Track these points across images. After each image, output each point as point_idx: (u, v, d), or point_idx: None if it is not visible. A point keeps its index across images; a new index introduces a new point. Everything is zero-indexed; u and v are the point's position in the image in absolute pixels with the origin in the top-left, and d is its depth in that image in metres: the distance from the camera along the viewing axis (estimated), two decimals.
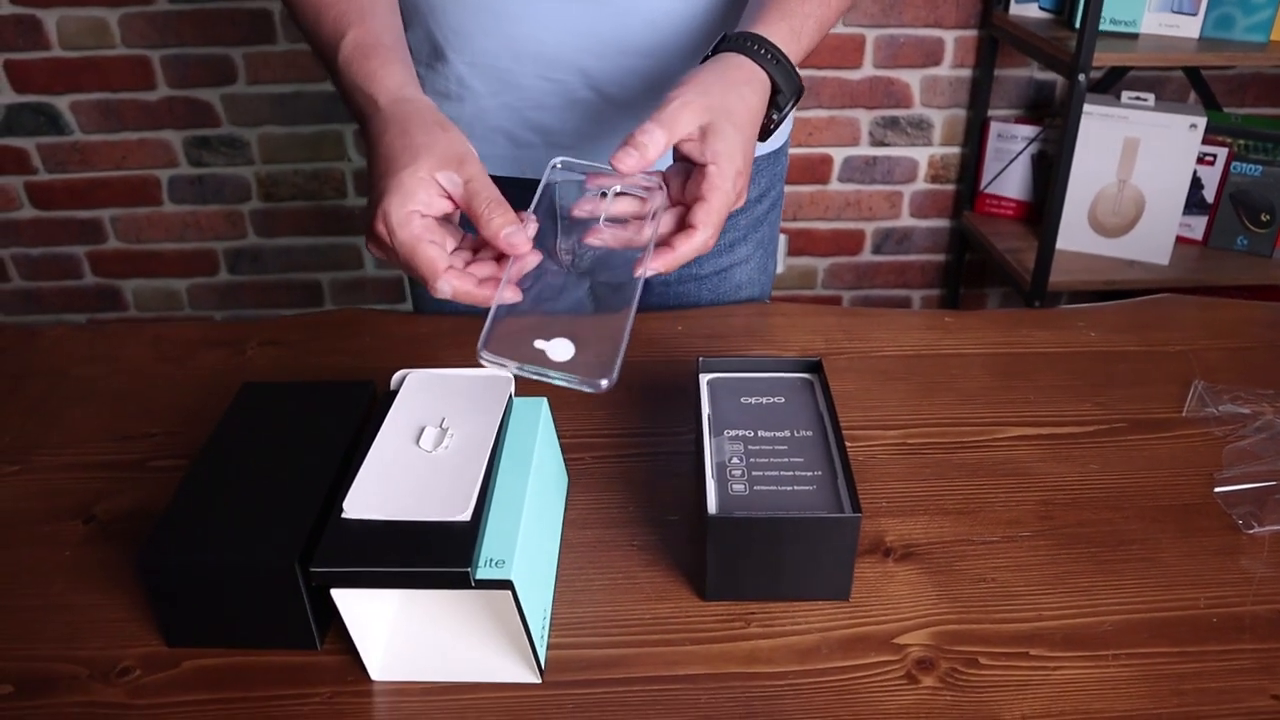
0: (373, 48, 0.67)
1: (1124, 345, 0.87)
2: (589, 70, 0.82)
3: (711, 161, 0.63)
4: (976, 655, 0.57)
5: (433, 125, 0.62)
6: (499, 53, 0.82)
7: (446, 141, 0.61)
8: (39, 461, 0.74)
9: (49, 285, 2.07)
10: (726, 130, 0.63)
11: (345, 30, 0.68)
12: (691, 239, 0.62)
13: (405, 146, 0.60)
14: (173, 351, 0.88)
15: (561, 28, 0.80)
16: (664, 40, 0.81)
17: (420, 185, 0.59)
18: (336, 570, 0.51)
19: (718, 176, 0.63)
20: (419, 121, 0.62)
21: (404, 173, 0.59)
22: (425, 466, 0.56)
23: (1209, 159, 1.80)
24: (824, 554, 0.58)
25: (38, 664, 0.57)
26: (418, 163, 0.59)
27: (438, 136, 0.61)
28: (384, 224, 0.59)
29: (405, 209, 0.59)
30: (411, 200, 0.59)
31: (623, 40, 0.81)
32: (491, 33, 0.81)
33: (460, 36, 0.82)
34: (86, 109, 1.87)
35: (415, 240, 0.58)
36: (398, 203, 0.59)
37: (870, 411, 0.78)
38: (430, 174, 0.59)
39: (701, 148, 0.63)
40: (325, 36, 0.70)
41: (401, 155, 0.60)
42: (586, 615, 0.60)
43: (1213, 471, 0.72)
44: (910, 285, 2.14)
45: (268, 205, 2.00)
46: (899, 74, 1.91)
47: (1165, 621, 0.59)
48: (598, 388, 0.54)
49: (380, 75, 0.66)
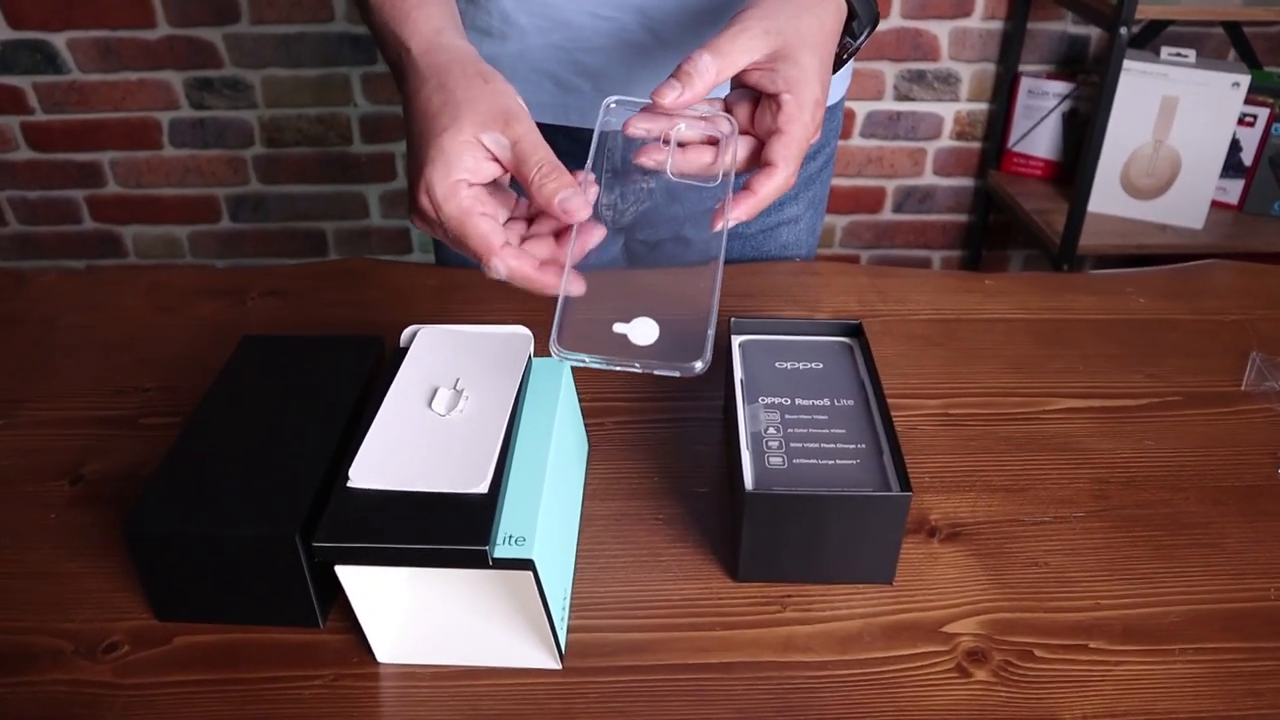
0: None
1: (1174, 313, 0.82)
2: (645, 8, 0.76)
3: (786, 90, 0.56)
4: (1031, 647, 0.53)
5: (474, 77, 0.55)
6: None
7: (490, 96, 0.54)
8: (24, 416, 0.70)
9: (46, 230, 2.02)
10: (801, 55, 0.57)
11: None
12: (772, 178, 0.55)
13: (445, 104, 0.54)
14: (169, 300, 0.83)
15: None
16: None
17: (465, 149, 0.53)
18: (341, 545, 0.47)
19: (794, 106, 0.56)
20: (459, 73, 0.56)
21: (445, 135, 0.53)
22: (438, 432, 0.52)
23: (1249, 120, 1.73)
24: (868, 534, 0.54)
25: (18, 637, 0.53)
26: (460, 123, 0.53)
27: (480, 91, 0.54)
28: (428, 197, 0.53)
29: (451, 179, 0.52)
30: (456, 168, 0.52)
31: None
32: None
33: None
34: (84, 47, 1.81)
35: (464, 214, 0.52)
36: (441, 172, 0.52)
37: (909, 379, 0.73)
38: (474, 135, 0.53)
39: (773, 76, 0.56)
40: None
41: (441, 115, 0.54)
42: (609, 595, 0.56)
43: (1276, 450, 0.67)
44: (931, 246, 2.08)
45: (271, 151, 1.93)
46: (927, 25, 1.83)
47: (1235, 614, 0.55)
48: (692, 371, 0.48)
49: (415, 17, 0.59)
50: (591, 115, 0.81)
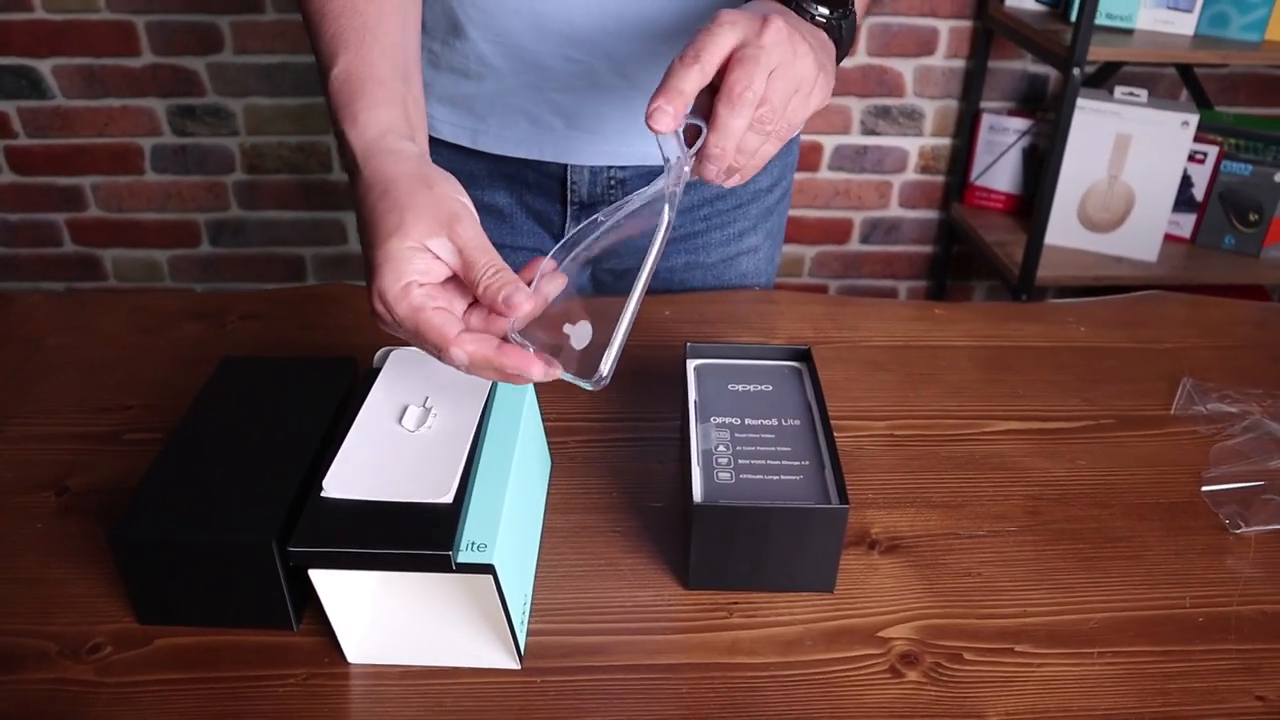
0: (362, 83, 0.61)
1: (1114, 341, 0.87)
2: (614, 53, 0.80)
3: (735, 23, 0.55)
4: (961, 650, 0.57)
5: (417, 184, 0.56)
6: (523, 31, 0.79)
7: (434, 202, 0.54)
8: (11, 432, 0.73)
9: (27, 252, 2.04)
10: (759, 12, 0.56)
11: (338, 54, 0.62)
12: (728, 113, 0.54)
13: (390, 210, 0.54)
14: (151, 322, 0.86)
15: (589, 8, 0.77)
16: (692, 24, 0.79)
17: (413, 255, 0.53)
18: (315, 550, 0.50)
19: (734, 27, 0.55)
20: (403, 180, 0.56)
21: (391, 242, 0.53)
22: (407, 447, 0.55)
23: (1199, 157, 1.80)
24: (810, 545, 0.58)
25: (6, 639, 0.56)
26: (405, 229, 0.53)
27: (424, 197, 0.55)
28: (381, 302, 0.54)
29: (400, 283, 0.53)
30: (406, 272, 0.53)
31: (650, 23, 0.79)
32: (517, 10, 0.78)
33: (484, 13, 0.79)
34: (69, 73, 1.84)
35: (416, 311, 0.53)
36: (391, 278, 0.53)
37: (858, 402, 0.78)
38: (420, 242, 0.53)
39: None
40: (320, 54, 0.63)
41: (386, 221, 0.54)
42: (567, 601, 0.59)
43: (1200, 470, 0.71)
44: (897, 276, 2.14)
45: (252, 177, 1.97)
46: (892, 63, 1.89)
47: (1151, 620, 0.59)
48: (588, 387, 0.52)
49: (362, 120, 0.59)
50: (562, 150, 0.86)
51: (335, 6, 0.63)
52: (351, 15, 0.62)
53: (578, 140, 0.85)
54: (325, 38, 0.63)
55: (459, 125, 0.87)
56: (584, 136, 0.85)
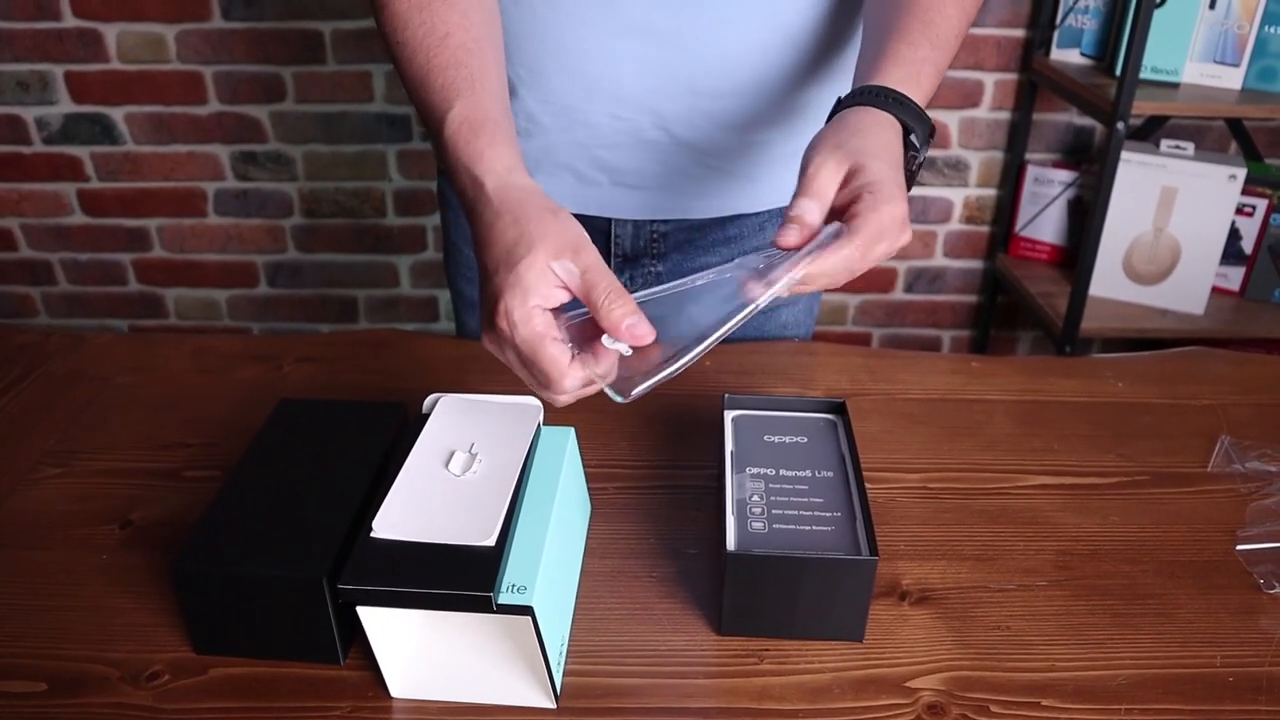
0: (481, 124, 0.65)
1: (1151, 397, 0.87)
2: (660, 110, 0.83)
3: (864, 190, 0.60)
4: (988, 703, 0.57)
5: (545, 213, 0.60)
6: (571, 90, 0.83)
7: (559, 229, 0.58)
8: (80, 466, 0.76)
9: (94, 290, 2.12)
10: (870, 163, 0.61)
11: (453, 101, 0.66)
12: (838, 250, 0.59)
13: (519, 236, 0.58)
14: (212, 364, 0.90)
15: (635, 68, 0.80)
16: (737, 84, 0.82)
17: (540, 278, 0.57)
18: (363, 588, 0.53)
19: (870, 199, 0.59)
20: (531, 209, 0.60)
21: (521, 265, 0.57)
22: (453, 490, 0.58)
23: (1248, 210, 1.79)
24: (839, 595, 0.59)
25: (70, 664, 0.59)
26: (534, 253, 0.57)
27: (550, 224, 0.59)
28: (506, 320, 0.57)
29: (527, 305, 0.56)
30: (532, 295, 0.56)
31: (695, 82, 0.82)
32: (566, 70, 0.81)
33: (533, 74, 0.83)
34: (140, 121, 1.93)
35: (539, 339, 0.56)
36: (519, 299, 0.56)
37: (892, 454, 0.79)
38: (547, 264, 0.57)
39: (852, 189, 0.61)
40: (433, 104, 0.68)
41: (517, 246, 0.58)
42: (603, 643, 0.61)
43: (1235, 529, 0.72)
44: (941, 325, 2.14)
45: (309, 221, 2.03)
46: (937, 114, 1.91)
47: (1180, 679, 0.59)
48: (615, 399, 0.56)
49: (488, 156, 0.63)
50: (607, 204, 0.89)
51: (442, 61, 0.68)
52: (460, 69, 0.67)
53: (622, 195, 0.88)
54: (436, 86, 0.67)
55: None
56: (628, 192, 0.88)
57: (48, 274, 2.10)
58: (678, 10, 0.78)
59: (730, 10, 0.78)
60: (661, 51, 0.79)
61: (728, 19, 0.79)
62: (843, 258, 0.59)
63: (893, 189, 0.60)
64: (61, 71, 1.88)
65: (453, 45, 0.68)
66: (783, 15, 0.80)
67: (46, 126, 1.93)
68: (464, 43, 0.68)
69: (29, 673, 0.59)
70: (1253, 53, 1.63)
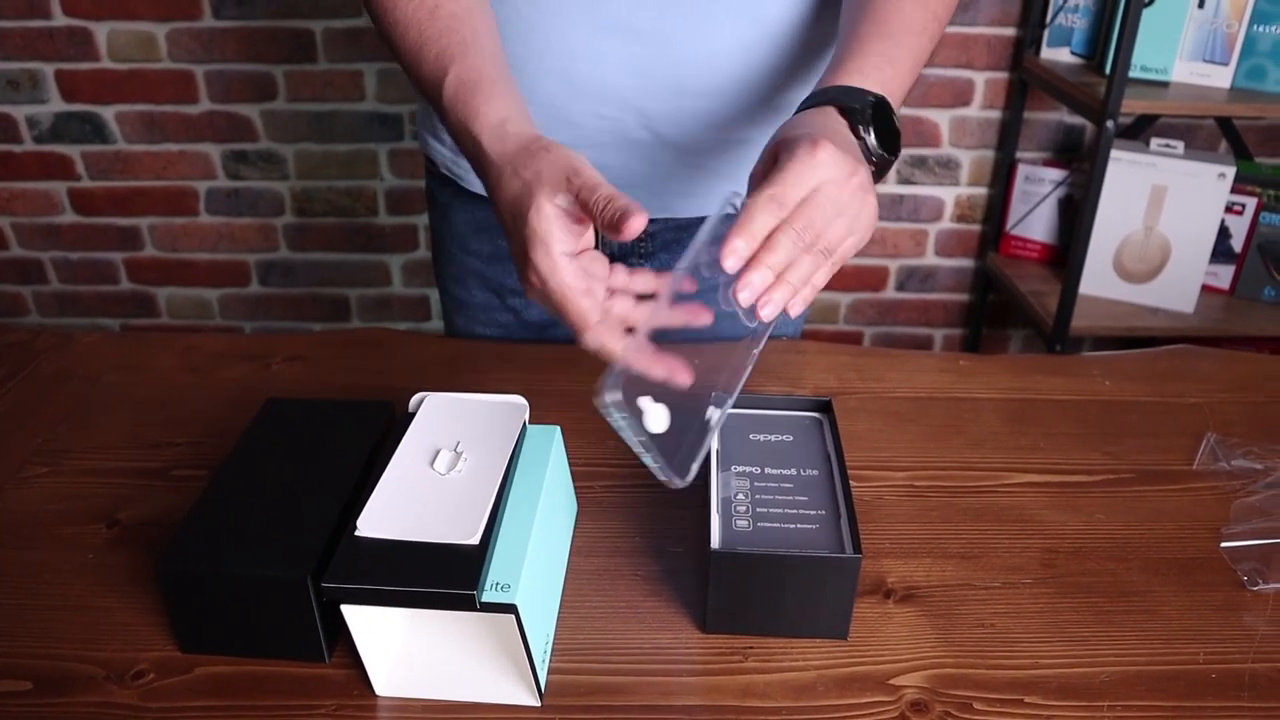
0: (476, 84, 0.66)
1: (1138, 395, 0.88)
2: (645, 110, 0.83)
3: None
4: (971, 700, 0.58)
5: (537, 153, 0.60)
6: (556, 89, 0.83)
7: (551, 163, 0.59)
8: (68, 465, 0.76)
9: (86, 289, 2.12)
10: (794, 131, 0.62)
11: (448, 67, 0.67)
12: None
13: (522, 187, 0.59)
14: (201, 362, 0.90)
15: (621, 67, 0.81)
16: (722, 83, 0.83)
17: (551, 224, 0.58)
18: (348, 587, 0.53)
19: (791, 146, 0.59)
20: (523, 156, 0.61)
21: (530, 216, 0.58)
22: (438, 489, 0.58)
23: (1237, 208, 1.80)
24: (823, 593, 0.59)
25: (56, 663, 0.59)
26: (537, 200, 0.58)
27: (543, 162, 0.59)
28: (536, 275, 0.58)
29: (549, 257, 0.58)
30: (551, 244, 0.58)
31: (681, 81, 0.82)
32: (550, 70, 0.82)
33: (518, 73, 0.82)
34: (131, 120, 1.92)
35: (566, 290, 0.58)
36: (541, 251, 0.58)
37: (879, 452, 0.79)
38: (552, 206, 0.58)
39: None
40: (429, 74, 0.69)
41: (522, 198, 0.59)
42: (588, 641, 0.61)
43: (1220, 526, 0.72)
44: (932, 324, 2.15)
45: (300, 220, 2.03)
46: (928, 113, 1.92)
47: (1163, 675, 0.60)
48: (672, 483, 0.54)
49: (483, 113, 0.65)
50: None
51: (434, 32, 0.69)
52: (451, 35, 0.69)
53: None
54: (430, 57, 0.69)
55: None
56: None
57: (39, 273, 2.10)
58: (662, 10, 0.78)
59: (714, 10, 0.78)
60: (646, 51, 0.80)
61: (712, 19, 0.79)
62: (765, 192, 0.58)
63: (800, 131, 0.60)
64: (52, 70, 1.87)
65: (444, 15, 0.69)
66: (766, 15, 0.80)
67: (37, 125, 1.93)
68: (454, 11, 0.69)
69: (15, 672, 0.59)
70: (1242, 51, 1.64)
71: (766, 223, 0.57)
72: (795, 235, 0.57)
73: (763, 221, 0.57)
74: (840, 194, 0.59)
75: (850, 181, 0.59)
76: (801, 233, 0.57)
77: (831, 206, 0.58)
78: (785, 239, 0.57)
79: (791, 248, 0.58)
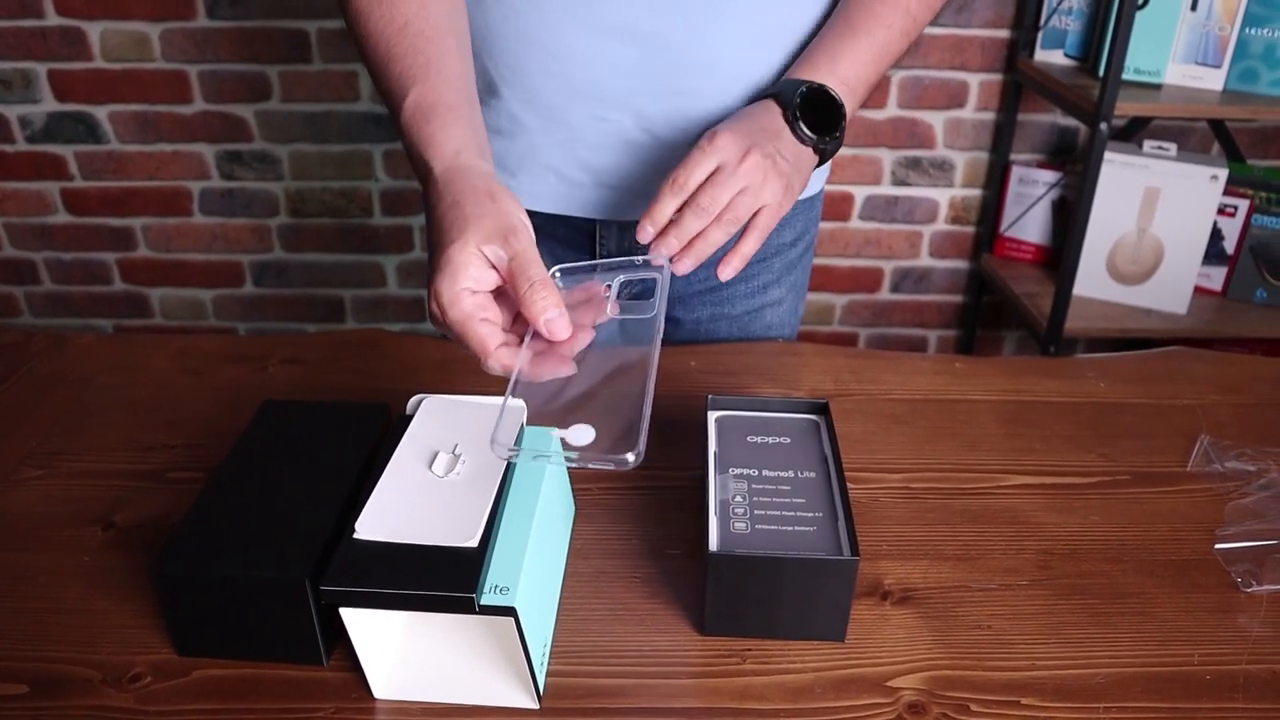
0: (433, 108, 0.67)
1: (1132, 397, 0.88)
2: (643, 111, 0.83)
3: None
4: (968, 702, 0.58)
5: (484, 196, 0.61)
6: (554, 91, 0.83)
7: (496, 213, 0.60)
8: (63, 467, 0.76)
9: (79, 290, 2.11)
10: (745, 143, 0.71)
11: (409, 88, 0.68)
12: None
13: (456, 219, 0.60)
14: (196, 364, 0.90)
15: (618, 69, 0.81)
16: (719, 84, 0.83)
17: (469, 260, 0.59)
18: (346, 589, 0.53)
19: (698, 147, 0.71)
20: (470, 192, 0.62)
21: (452, 248, 0.59)
22: (436, 492, 0.58)
23: (1230, 210, 1.80)
24: (821, 595, 0.59)
25: (52, 665, 0.59)
26: (465, 236, 0.59)
27: (487, 208, 0.61)
28: (436, 303, 0.59)
29: (455, 287, 0.58)
30: (460, 277, 0.58)
31: (678, 83, 0.82)
32: (548, 71, 0.82)
33: (516, 74, 0.83)
34: (124, 120, 1.92)
35: (466, 319, 0.58)
36: (448, 281, 0.59)
37: (875, 454, 0.79)
38: (477, 248, 0.59)
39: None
40: (391, 91, 0.70)
41: (451, 229, 0.60)
42: (586, 644, 0.61)
43: (1214, 528, 0.72)
44: (927, 325, 2.15)
45: (295, 221, 2.03)
46: (923, 115, 1.92)
47: (1158, 677, 0.60)
48: (625, 464, 0.54)
49: (438, 140, 0.66)
50: (590, 205, 0.89)
51: (400, 50, 0.70)
52: (416, 55, 0.70)
53: (605, 196, 0.88)
54: (394, 74, 0.70)
55: None
56: (611, 192, 0.88)
57: (31, 273, 2.09)
58: (660, 12, 0.78)
59: (711, 11, 0.79)
60: (644, 52, 0.80)
61: (709, 20, 0.79)
62: (668, 180, 0.70)
63: (718, 125, 0.73)
64: (45, 70, 1.86)
65: (411, 34, 0.70)
66: (763, 16, 0.81)
67: (30, 125, 1.92)
68: (422, 30, 0.70)
69: (11, 675, 0.58)
70: (1234, 54, 1.64)
71: (670, 204, 0.70)
72: (699, 210, 0.70)
73: (666, 204, 0.70)
74: (738, 170, 0.70)
75: (747, 160, 0.71)
76: (706, 208, 0.70)
77: (731, 183, 0.70)
78: (690, 216, 0.70)
79: (696, 222, 0.70)
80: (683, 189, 0.70)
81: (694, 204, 0.69)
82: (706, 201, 0.69)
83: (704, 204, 0.69)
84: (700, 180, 0.70)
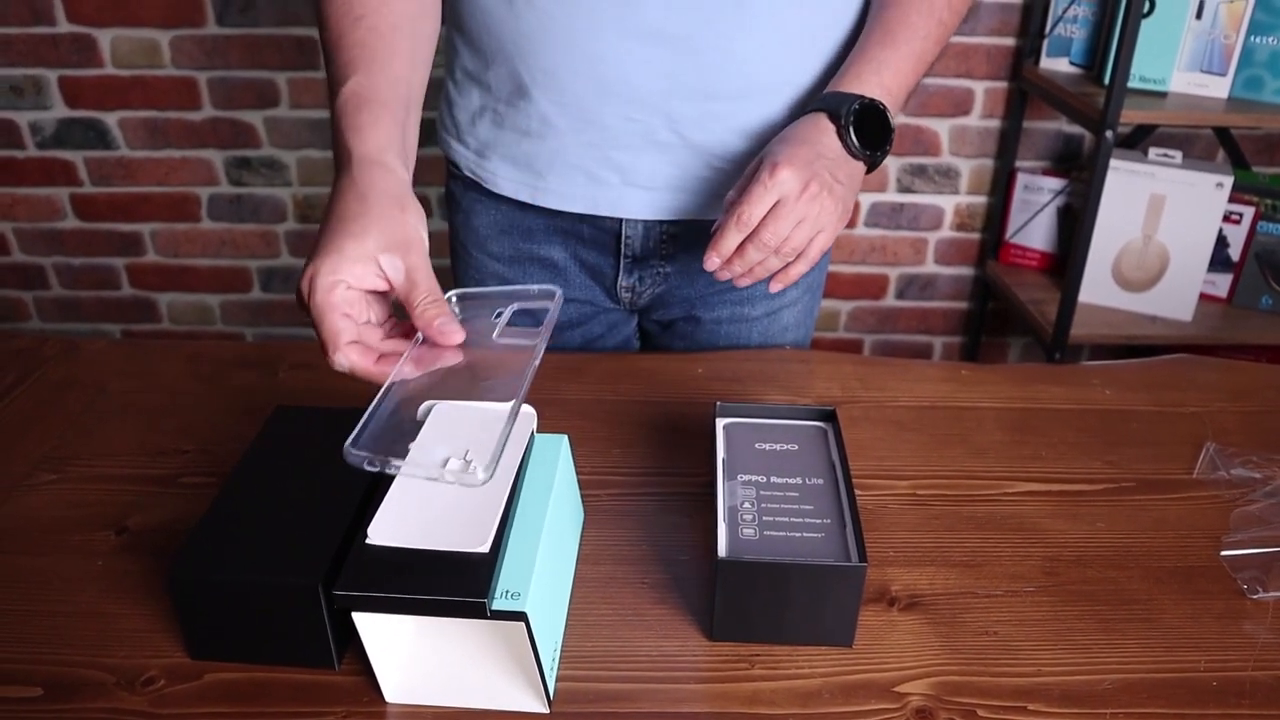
0: (368, 101, 0.68)
1: (1138, 404, 0.88)
2: (673, 113, 0.84)
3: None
4: (975, 707, 0.58)
5: (393, 203, 0.63)
6: (586, 93, 0.84)
7: (400, 224, 0.62)
8: (76, 472, 0.77)
9: (87, 295, 2.12)
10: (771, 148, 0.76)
11: (349, 76, 0.69)
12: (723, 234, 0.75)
13: (360, 215, 0.61)
14: (207, 370, 0.91)
15: (651, 70, 0.82)
16: (750, 86, 0.84)
17: (361, 259, 0.60)
18: (358, 594, 0.53)
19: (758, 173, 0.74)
20: (382, 194, 0.63)
21: (349, 241, 0.60)
22: (447, 497, 0.59)
23: (1235, 217, 1.81)
24: (829, 601, 0.60)
25: (66, 669, 0.60)
26: (365, 236, 0.60)
27: (394, 217, 0.62)
28: (309, 282, 0.60)
29: (334, 276, 0.60)
30: (343, 270, 0.60)
31: (710, 85, 0.83)
32: (579, 73, 0.82)
33: (548, 75, 0.84)
34: (134, 126, 1.93)
35: (327, 308, 0.60)
36: (329, 267, 0.60)
37: (883, 461, 0.80)
38: (375, 253, 0.60)
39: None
40: (333, 74, 0.72)
41: (353, 222, 0.61)
42: (596, 649, 0.62)
43: (1220, 534, 0.73)
44: (932, 331, 2.15)
45: (303, 226, 2.04)
46: (928, 122, 1.93)
47: (1165, 683, 0.60)
48: (475, 483, 0.55)
49: (365, 132, 0.66)
50: (618, 205, 0.90)
51: (351, 40, 0.72)
52: (363, 48, 0.71)
53: (633, 196, 0.89)
54: (339, 62, 0.71)
55: (519, 181, 0.91)
56: (639, 192, 0.89)
57: (40, 279, 2.10)
58: (691, 14, 0.79)
59: (742, 14, 0.80)
60: (675, 55, 0.81)
61: (740, 23, 0.80)
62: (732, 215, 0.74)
63: (776, 149, 0.76)
64: (55, 76, 1.88)
65: (364, 28, 0.72)
66: (794, 19, 0.82)
67: (40, 131, 1.93)
68: (375, 25, 0.72)
69: (25, 678, 0.59)
70: (1239, 62, 1.65)
71: (735, 238, 0.75)
72: (761, 245, 0.75)
73: (731, 238, 0.75)
74: (798, 205, 0.74)
75: (806, 193, 0.74)
76: (766, 243, 0.74)
77: (791, 216, 0.74)
78: (753, 249, 0.75)
79: (757, 255, 0.75)
80: (747, 225, 0.74)
81: (756, 239, 0.74)
82: (768, 236, 0.74)
83: (766, 239, 0.74)
84: (762, 215, 0.74)
